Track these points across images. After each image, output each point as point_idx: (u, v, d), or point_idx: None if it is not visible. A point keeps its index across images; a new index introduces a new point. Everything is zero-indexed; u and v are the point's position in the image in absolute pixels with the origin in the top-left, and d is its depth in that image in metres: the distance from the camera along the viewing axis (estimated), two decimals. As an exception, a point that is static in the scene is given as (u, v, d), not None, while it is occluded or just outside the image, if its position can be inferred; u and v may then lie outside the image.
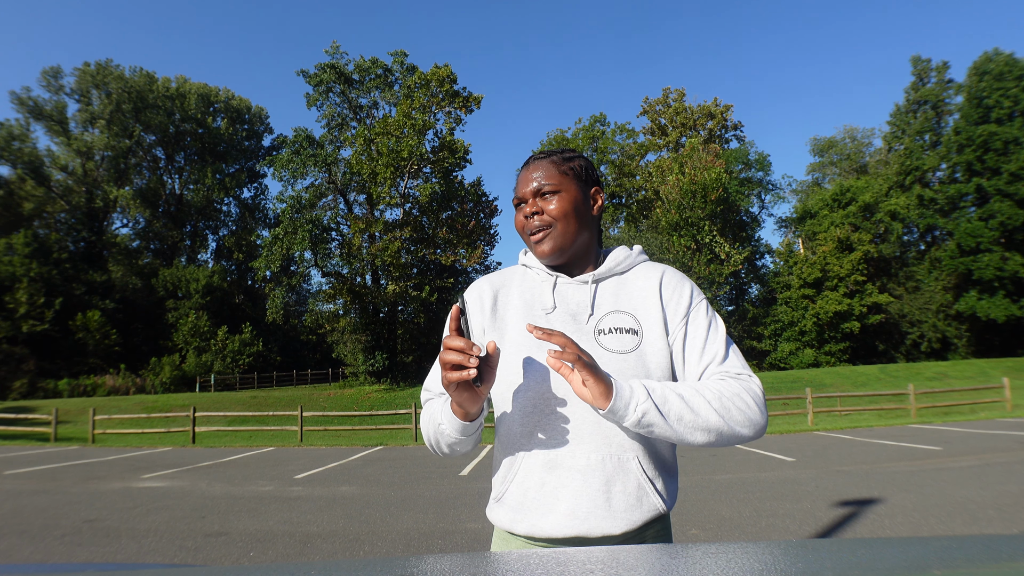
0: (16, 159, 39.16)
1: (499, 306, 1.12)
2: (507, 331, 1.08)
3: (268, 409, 20.02)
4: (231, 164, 48.22)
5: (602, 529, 0.98)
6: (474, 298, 1.13)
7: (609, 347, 1.03)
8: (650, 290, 1.10)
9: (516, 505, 1.03)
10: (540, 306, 1.09)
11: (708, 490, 6.51)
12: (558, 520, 0.99)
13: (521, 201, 1.13)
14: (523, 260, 1.19)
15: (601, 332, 1.05)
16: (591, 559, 0.64)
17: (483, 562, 0.66)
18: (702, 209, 31.28)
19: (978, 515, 4.89)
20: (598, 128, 42.00)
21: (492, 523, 1.11)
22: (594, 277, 1.11)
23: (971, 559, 0.59)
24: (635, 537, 1.03)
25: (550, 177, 1.11)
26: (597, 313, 1.07)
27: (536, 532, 1.01)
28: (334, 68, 32.83)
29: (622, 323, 1.06)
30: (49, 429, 16.17)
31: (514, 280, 1.15)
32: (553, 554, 0.69)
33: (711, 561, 0.61)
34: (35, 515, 5.98)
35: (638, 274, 1.13)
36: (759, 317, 33.92)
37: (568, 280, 1.11)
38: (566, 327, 1.05)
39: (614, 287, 1.11)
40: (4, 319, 32.26)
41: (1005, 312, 29.10)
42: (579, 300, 1.09)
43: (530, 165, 1.14)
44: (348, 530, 5.11)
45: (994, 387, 16.36)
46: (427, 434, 1.08)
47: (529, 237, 1.11)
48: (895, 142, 36.74)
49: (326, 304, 33.60)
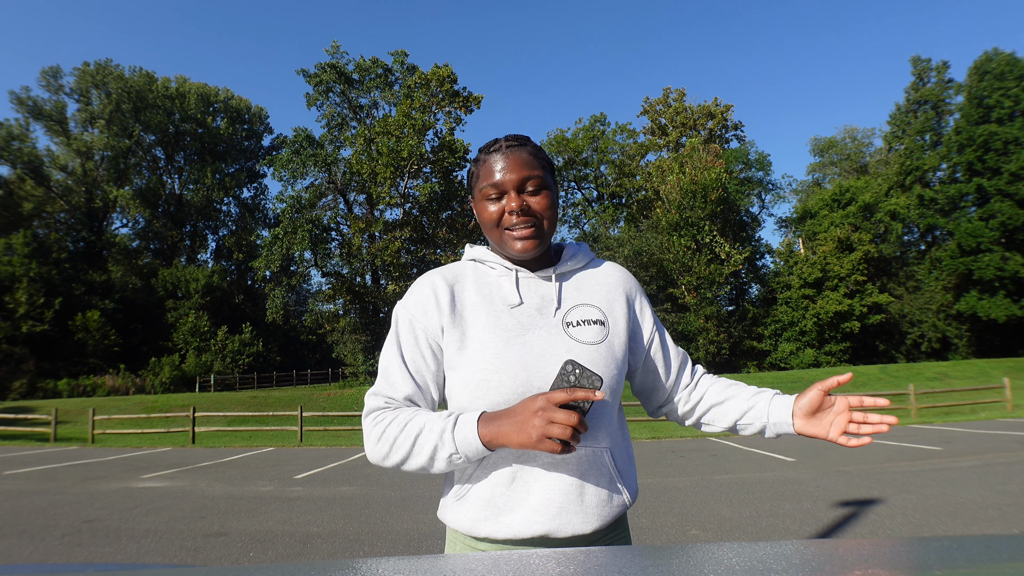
0: (16, 159, 39.15)
1: (457, 302, 1.05)
2: (469, 328, 1.03)
3: (268, 409, 20.01)
4: (231, 164, 48.22)
5: (573, 527, 0.96)
6: (428, 294, 1.05)
7: (580, 338, 1.02)
8: (612, 286, 1.12)
9: (482, 503, 0.98)
10: (503, 301, 1.05)
11: (708, 490, 6.51)
12: (527, 516, 0.95)
13: (499, 192, 1.05)
14: (472, 255, 1.14)
15: (570, 324, 1.04)
16: (601, 561, 0.64)
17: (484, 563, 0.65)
18: (702, 209, 31.27)
19: (978, 515, 4.89)
20: (598, 128, 42.01)
21: (448, 525, 1.05)
22: (557, 272, 1.09)
23: (971, 559, 0.59)
24: (604, 537, 1.02)
25: (534, 170, 1.05)
26: (563, 306, 1.06)
27: (500, 533, 0.97)
28: (334, 68, 32.85)
29: (589, 315, 1.06)
30: (49, 429, 16.17)
31: (466, 275, 1.10)
32: (555, 554, 0.68)
33: (712, 561, 0.60)
34: (35, 515, 5.98)
35: (596, 270, 1.15)
36: (759, 317, 33.92)
37: (529, 275, 1.08)
38: (533, 320, 1.03)
39: (576, 282, 1.10)
40: (4, 319, 32.26)
41: (1006, 312, 29.09)
42: (543, 294, 1.07)
43: (507, 153, 1.06)
44: (348, 530, 5.10)
45: (995, 387, 16.34)
46: (403, 450, 0.96)
47: (507, 232, 1.04)
48: (895, 142, 36.73)
49: (326, 304, 33.62)
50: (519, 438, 0.87)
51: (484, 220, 1.07)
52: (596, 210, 42.56)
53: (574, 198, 44.27)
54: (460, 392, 1.01)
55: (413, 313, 1.05)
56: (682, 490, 6.58)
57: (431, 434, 0.94)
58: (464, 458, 0.93)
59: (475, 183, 1.09)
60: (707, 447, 10.96)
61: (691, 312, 31.70)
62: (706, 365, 32.15)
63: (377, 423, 0.99)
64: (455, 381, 1.02)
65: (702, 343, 31.24)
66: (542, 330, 1.02)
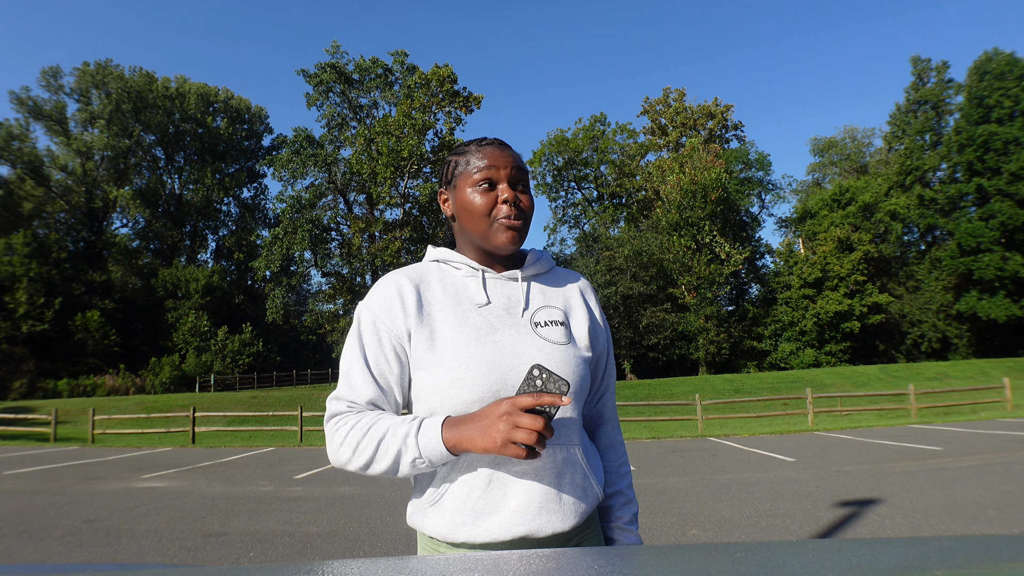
0: (16, 159, 39.15)
1: (424, 302, 1.04)
2: (437, 328, 1.01)
3: (268, 409, 20.02)
4: (231, 164, 48.21)
5: (553, 526, 0.96)
6: (392, 295, 1.03)
7: (549, 338, 1.03)
8: (573, 292, 1.15)
9: (457, 507, 0.96)
10: (470, 300, 1.04)
11: (708, 490, 6.51)
12: (507, 518, 0.94)
13: (492, 181, 1.05)
14: (436, 255, 1.13)
15: (538, 324, 1.04)
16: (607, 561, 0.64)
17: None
18: (702, 209, 31.29)
19: (979, 515, 4.89)
20: (598, 128, 42.02)
21: (421, 532, 1.03)
22: (524, 274, 1.10)
23: (972, 560, 0.59)
24: (580, 534, 1.02)
25: (524, 171, 1.09)
26: (531, 307, 1.07)
27: (478, 537, 0.95)
28: (334, 68, 32.85)
29: (554, 316, 1.07)
30: (49, 429, 16.17)
31: (431, 275, 1.08)
32: (555, 554, 0.68)
33: (712, 561, 0.60)
34: (35, 515, 5.98)
35: (559, 277, 1.17)
36: (759, 317, 33.93)
37: (496, 275, 1.08)
38: (501, 320, 1.03)
39: (539, 286, 1.12)
40: (4, 319, 32.27)
41: (1006, 312, 29.10)
42: (510, 295, 1.07)
43: (501, 148, 1.08)
44: (348, 530, 5.10)
45: (995, 387, 16.35)
46: (366, 454, 0.94)
47: (499, 223, 1.04)
48: (895, 142, 36.74)
49: (326, 304, 33.64)
50: (483, 443, 0.87)
51: (471, 209, 1.05)
52: (596, 210, 42.57)
53: (574, 198, 44.28)
54: (432, 392, 0.99)
55: (377, 314, 1.03)
56: (682, 490, 6.58)
57: (395, 438, 0.93)
58: (428, 463, 0.92)
59: (460, 171, 1.08)
60: (707, 447, 10.96)
61: (691, 312, 31.71)
62: (706, 365, 32.15)
63: (339, 427, 0.98)
64: (426, 381, 1.00)
65: (702, 343, 31.25)
66: (511, 329, 1.02)
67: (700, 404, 14.77)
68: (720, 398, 19.41)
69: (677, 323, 31.33)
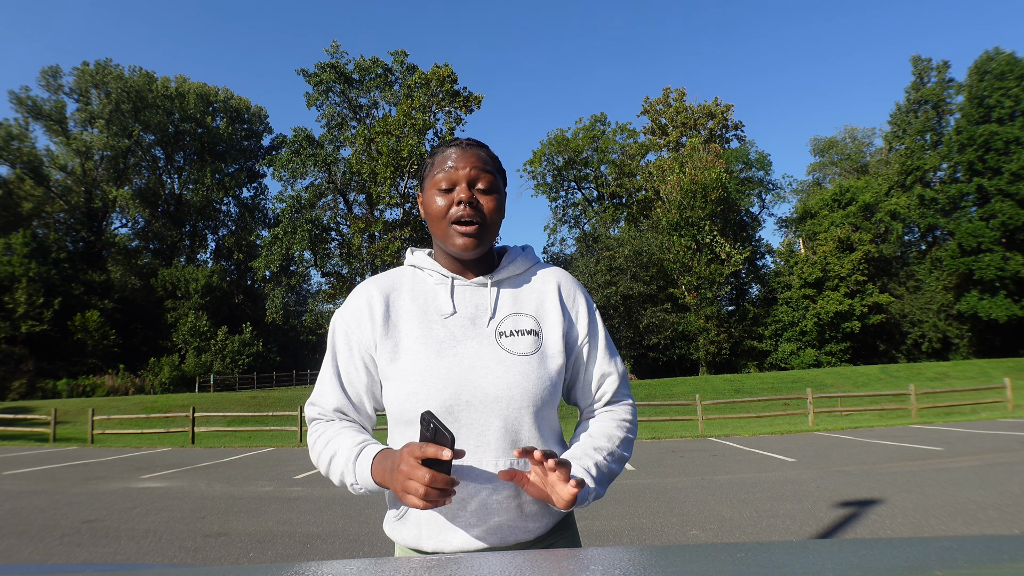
0: (15, 159, 39.14)
1: (391, 313, 1.04)
2: (402, 340, 1.02)
3: (268, 409, 20.02)
4: (230, 164, 48.19)
5: (516, 537, 0.96)
6: (362, 305, 1.04)
7: (512, 350, 1.00)
8: (548, 293, 1.09)
9: (422, 521, 0.97)
10: (436, 311, 1.04)
11: (708, 490, 6.51)
12: (467, 532, 0.95)
13: (451, 183, 1.03)
14: (412, 260, 1.12)
15: (503, 335, 1.02)
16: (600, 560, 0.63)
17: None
18: (702, 209, 31.29)
19: (979, 516, 4.88)
20: (598, 128, 42.02)
21: (394, 541, 1.05)
22: (494, 280, 1.07)
23: (972, 560, 0.59)
24: (548, 541, 1.01)
25: (487, 171, 1.05)
26: (497, 316, 1.04)
27: (445, 547, 0.96)
28: (334, 68, 32.85)
29: (523, 325, 1.04)
30: (48, 429, 16.17)
31: (403, 283, 1.08)
32: (554, 554, 0.68)
33: (712, 561, 0.60)
34: (34, 515, 5.98)
35: (535, 277, 1.12)
36: (760, 317, 33.93)
37: (465, 282, 1.06)
38: (466, 331, 1.01)
39: (513, 290, 1.08)
40: (3, 319, 32.26)
41: (1006, 312, 29.10)
42: (478, 303, 1.05)
43: (464, 149, 1.05)
44: (348, 530, 5.10)
45: (995, 387, 16.35)
46: (323, 467, 1.01)
47: (454, 226, 1.02)
48: (896, 142, 36.73)
49: (326, 304, 33.65)
50: (392, 487, 0.88)
51: (431, 212, 1.05)
52: (596, 210, 42.58)
53: (574, 198, 44.30)
54: (392, 403, 1.01)
55: (349, 324, 1.05)
56: (682, 490, 6.58)
57: (341, 459, 0.97)
58: (365, 490, 0.95)
59: (427, 173, 1.08)
60: (707, 447, 10.96)
61: (691, 312, 31.71)
62: (706, 365, 32.15)
63: (311, 433, 1.05)
64: (388, 392, 1.02)
65: (702, 343, 31.26)
66: (474, 341, 1.01)
67: (700, 404, 14.77)
68: (720, 398, 19.40)
69: (677, 323, 31.33)
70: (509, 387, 0.97)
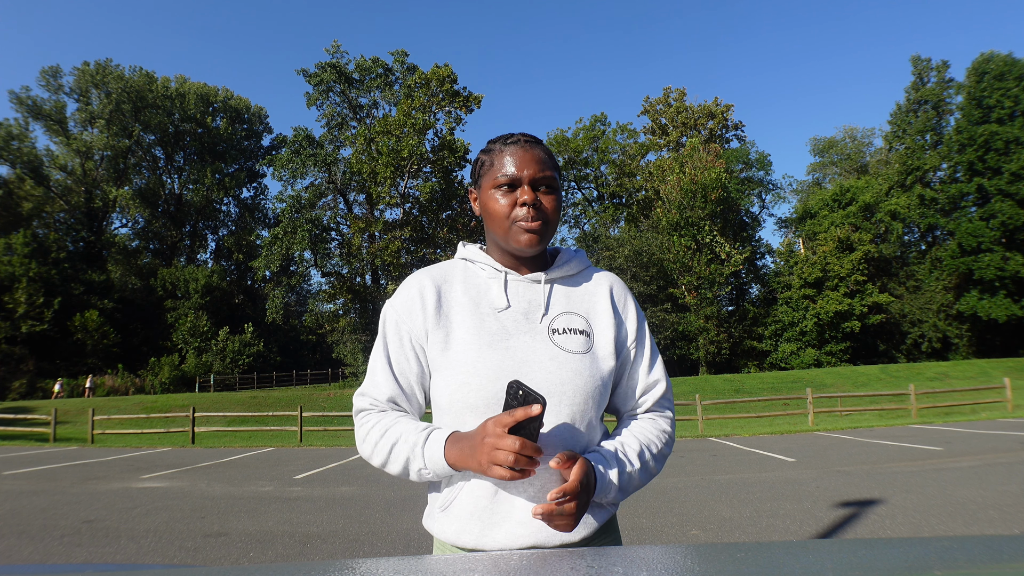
0: (15, 159, 39.14)
1: (443, 304, 1.04)
2: (454, 330, 1.02)
3: (268, 409, 20.01)
4: (230, 164, 48.20)
5: (560, 537, 0.95)
6: (415, 295, 1.05)
7: (565, 347, 1.00)
8: (601, 296, 1.10)
9: (465, 515, 0.96)
10: (489, 304, 1.04)
11: (708, 490, 6.50)
12: (513, 530, 0.94)
13: (513, 184, 1.03)
14: (464, 254, 1.13)
15: (555, 331, 1.02)
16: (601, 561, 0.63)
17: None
18: (702, 209, 31.27)
19: (979, 515, 4.88)
20: (599, 128, 42.03)
21: (433, 535, 1.04)
22: (547, 277, 1.07)
23: (972, 560, 0.59)
24: (593, 543, 1.00)
25: (549, 171, 1.05)
26: (551, 312, 1.04)
27: (487, 546, 0.94)
28: (334, 67, 32.84)
29: (575, 324, 1.04)
30: (48, 429, 16.17)
31: (455, 275, 1.08)
32: (556, 554, 0.68)
33: (712, 561, 0.60)
34: (34, 515, 5.98)
35: (588, 279, 1.12)
36: (760, 317, 33.91)
37: (519, 278, 1.07)
38: (518, 326, 1.02)
39: (566, 289, 1.09)
40: (3, 319, 32.26)
41: (1006, 312, 29.09)
42: (531, 299, 1.05)
43: (525, 148, 1.05)
44: (348, 530, 5.10)
45: (995, 387, 16.35)
46: (381, 456, 0.99)
47: (516, 224, 1.02)
48: (896, 142, 36.71)
49: (326, 304, 33.65)
50: (472, 463, 0.88)
51: (492, 211, 1.04)
52: (596, 210, 42.58)
53: (574, 198, 44.29)
54: (442, 393, 1.00)
55: (400, 314, 1.05)
56: (682, 490, 6.58)
57: (405, 445, 0.96)
58: (433, 474, 0.95)
59: (485, 171, 1.07)
60: (707, 447, 10.96)
61: (691, 312, 31.70)
62: (706, 365, 32.15)
63: (362, 424, 1.03)
64: (438, 382, 1.01)
65: (702, 343, 31.25)
66: (527, 335, 1.01)
67: (700, 404, 14.77)
68: (720, 398, 19.39)
69: (677, 323, 31.32)
70: (562, 383, 0.97)
